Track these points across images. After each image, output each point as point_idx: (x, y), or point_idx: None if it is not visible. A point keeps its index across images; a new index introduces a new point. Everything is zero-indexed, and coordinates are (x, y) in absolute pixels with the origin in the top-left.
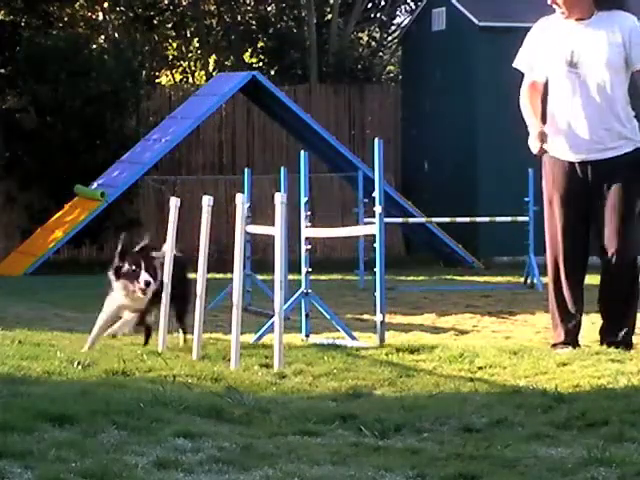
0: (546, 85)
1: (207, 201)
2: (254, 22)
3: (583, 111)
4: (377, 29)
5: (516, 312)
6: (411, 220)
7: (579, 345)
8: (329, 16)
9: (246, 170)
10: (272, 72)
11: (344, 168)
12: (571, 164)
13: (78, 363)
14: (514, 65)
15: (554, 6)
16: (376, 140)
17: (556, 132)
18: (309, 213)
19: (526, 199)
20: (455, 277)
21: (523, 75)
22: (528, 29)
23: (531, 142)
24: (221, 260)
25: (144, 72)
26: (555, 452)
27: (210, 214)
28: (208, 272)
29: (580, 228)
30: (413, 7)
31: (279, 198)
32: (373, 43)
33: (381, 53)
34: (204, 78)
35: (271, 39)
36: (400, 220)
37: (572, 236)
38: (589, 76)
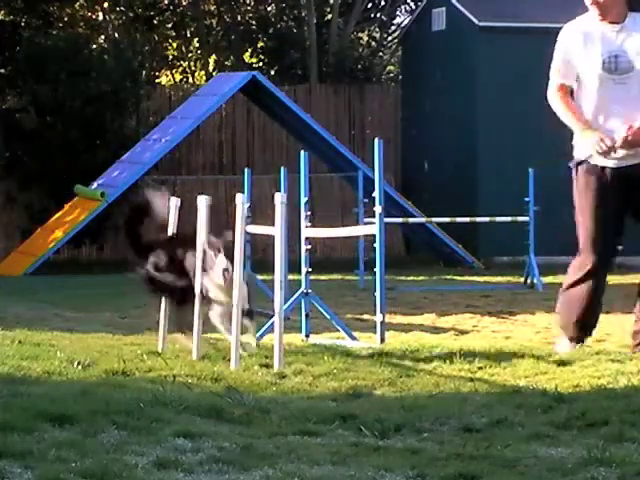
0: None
1: (204, 201)
2: (254, 22)
3: (622, 118)
4: (377, 29)
5: (516, 312)
6: (411, 220)
7: (583, 341)
8: (329, 16)
9: (246, 170)
10: (272, 72)
11: (344, 168)
12: (607, 169)
13: (78, 363)
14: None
15: (592, 7)
16: (376, 140)
17: None
18: (309, 213)
19: (526, 199)
20: (455, 277)
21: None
22: (528, 29)
23: (594, 146)
24: None
25: (144, 72)
26: (555, 452)
27: (208, 214)
28: None
29: (612, 237)
30: (413, 7)
31: (279, 198)
32: (373, 43)
33: (381, 53)
34: (204, 78)
35: (271, 39)
36: (400, 220)
37: (603, 245)
38: (626, 81)
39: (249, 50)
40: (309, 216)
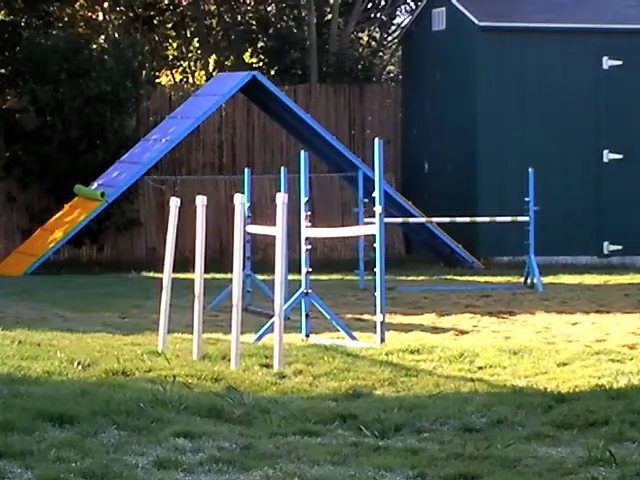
0: None
1: (201, 201)
2: (254, 22)
3: None
4: (377, 29)
5: (516, 312)
6: (411, 220)
7: None
8: (329, 16)
9: (246, 170)
10: (272, 72)
11: (344, 168)
12: None
13: (78, 363)
14: None
15: None
16: (376, 140)
17: None
18: (309, 213)
19: (526, 199)
20: (455, 277)
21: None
22: (528, 29)
23: None
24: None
25: (144, 72)
26: (555, 452)
27: (205, 214)
28: (208, 272)
29: None
30: (413, 7)
31: (280, 198)
32: (373, 43)
33: (381, 53)
34: (204, 78)
35: (271, 39)
36: (400, 220)
37: None
38: None
39: (249, 50)
40: (309, 216)
